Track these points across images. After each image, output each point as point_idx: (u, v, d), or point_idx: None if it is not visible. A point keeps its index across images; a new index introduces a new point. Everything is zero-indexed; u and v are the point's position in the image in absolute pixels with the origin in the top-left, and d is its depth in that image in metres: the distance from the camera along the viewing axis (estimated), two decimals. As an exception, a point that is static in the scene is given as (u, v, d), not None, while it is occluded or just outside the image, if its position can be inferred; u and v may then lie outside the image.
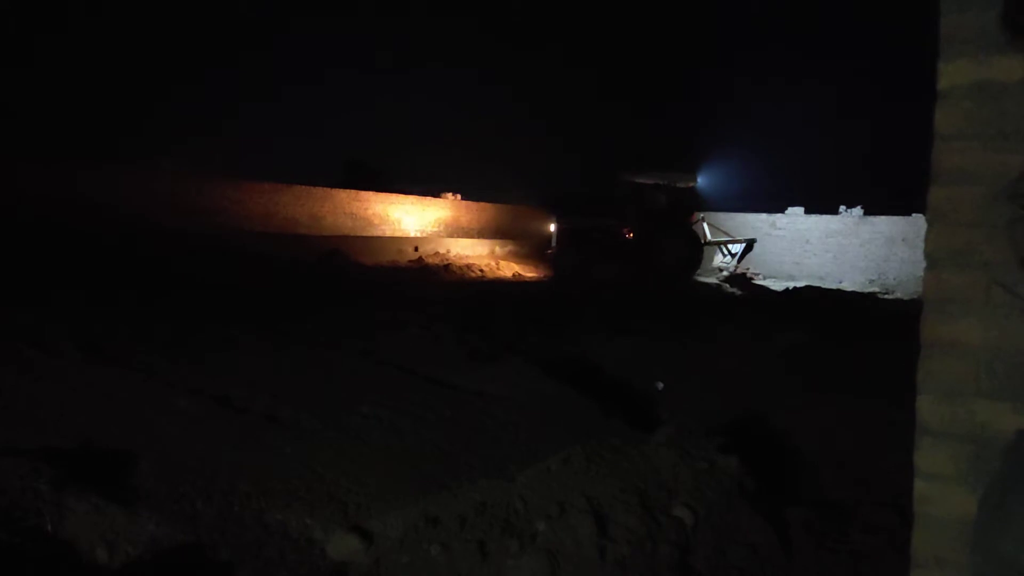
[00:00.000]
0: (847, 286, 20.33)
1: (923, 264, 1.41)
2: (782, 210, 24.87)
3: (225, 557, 2.99)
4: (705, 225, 22.20)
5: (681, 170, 21.92)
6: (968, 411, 1.35)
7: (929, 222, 1.40)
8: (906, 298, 16.75)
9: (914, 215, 21.57)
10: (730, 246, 22.74)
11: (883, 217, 22.77)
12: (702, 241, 21.47)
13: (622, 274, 17.86)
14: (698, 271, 20.91)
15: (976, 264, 1.33)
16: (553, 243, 21.15)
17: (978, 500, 1.13)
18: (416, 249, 21.84)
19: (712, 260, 22.65)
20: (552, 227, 21.51)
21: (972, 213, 1.33)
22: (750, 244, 22.51)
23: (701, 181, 21.91)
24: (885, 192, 24.64)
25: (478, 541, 2.83)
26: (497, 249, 24.07)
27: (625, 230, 20.15)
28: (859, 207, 23.67)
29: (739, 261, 22.52)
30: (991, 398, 1.32)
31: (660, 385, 6.45)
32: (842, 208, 24.03)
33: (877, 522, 3.39)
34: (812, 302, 14.30)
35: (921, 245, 1.41)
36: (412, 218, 24.14)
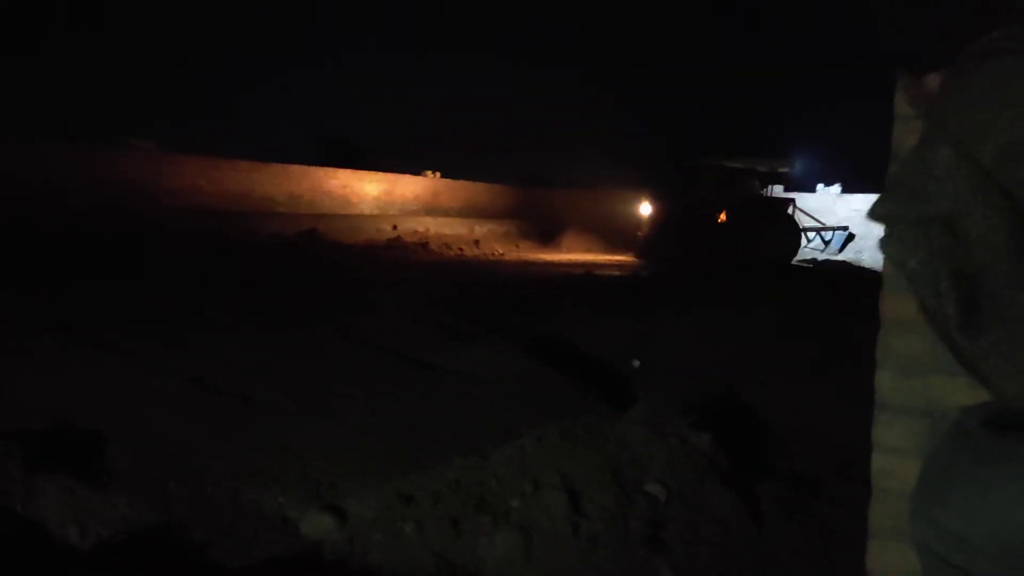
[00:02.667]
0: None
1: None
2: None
3: (199, 537, 2.99)
4: (798, 211, 21.80)
5: (773, 155, 21.55)
6: (925, 386, 1.37)
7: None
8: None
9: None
10: (823, 233, 22.30)
11: (860, 195, 22.95)
12: (799, 228, 20.87)
13: (717, 261, 16.67)
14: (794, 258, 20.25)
15: (934, 242, 1.34)
16: (645, 227, 20.65)
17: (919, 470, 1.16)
18: (395, 227, 21.72)
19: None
20: (643, 210, 21.11)
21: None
22: (851, 235, 22.13)
23: None
24: (863, 170, 24.79)
25: (452, 518, 2.85)
26: (476, 228, 24.01)
27: (719, 215, 19.67)
28: (837, 185, 23.83)
29: (840, 251, 21.92)
30: (947, 374, 1.34)
31: (636, 363, 6.50)
32: (820, 186, 24.17)
33: (845, 495, 3.46)
34: (789, 278, 14.42)
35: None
36: (390, 196, 23.99)
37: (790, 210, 21.35)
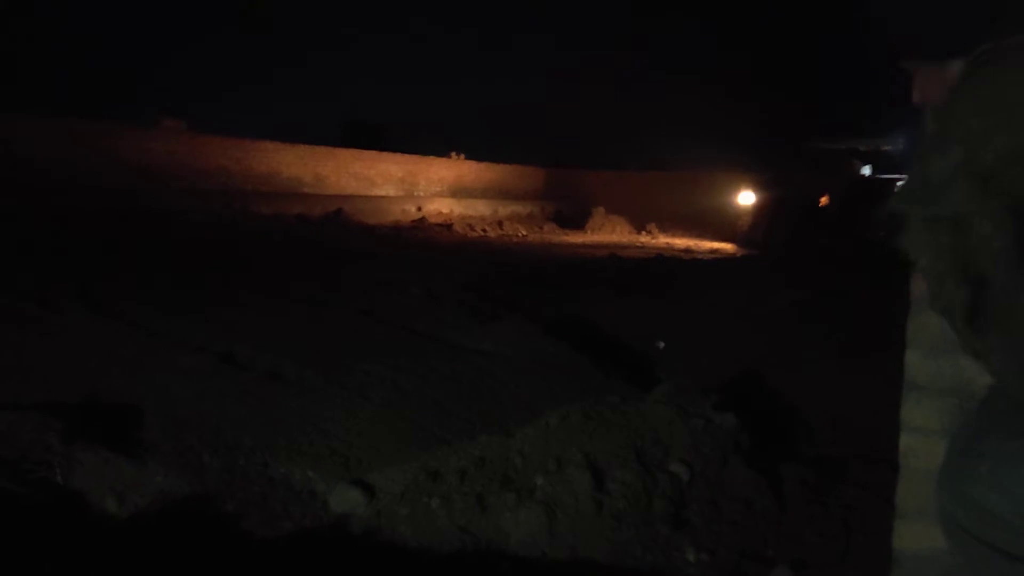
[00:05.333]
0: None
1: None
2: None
3: (231, 508, 3.07)
4: None
5: (876, 134, 21.32)
6: (954, 366, 1.37)
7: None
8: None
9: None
10: None
11: (886, 177, 22.58)
12: None
13: (826, 244, 16.51)
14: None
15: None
16: (748, 216, 20.70)
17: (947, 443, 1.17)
18: (419, 209, 21.79)
19: None
20: (742, 199, 21.11)
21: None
22: None
23: None
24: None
25: (477, 495, 2.89)
26: (500, 210, 23.99)
27: (822, 198, 19.56)
28: (868, 167, 23.48)
29: None
30: (977, 353, 1.34)
31: (661, 344, 6.50)
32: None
33: (869, 476, 3.45)
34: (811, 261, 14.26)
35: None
36: (415, 178, 24.03)
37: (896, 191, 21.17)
